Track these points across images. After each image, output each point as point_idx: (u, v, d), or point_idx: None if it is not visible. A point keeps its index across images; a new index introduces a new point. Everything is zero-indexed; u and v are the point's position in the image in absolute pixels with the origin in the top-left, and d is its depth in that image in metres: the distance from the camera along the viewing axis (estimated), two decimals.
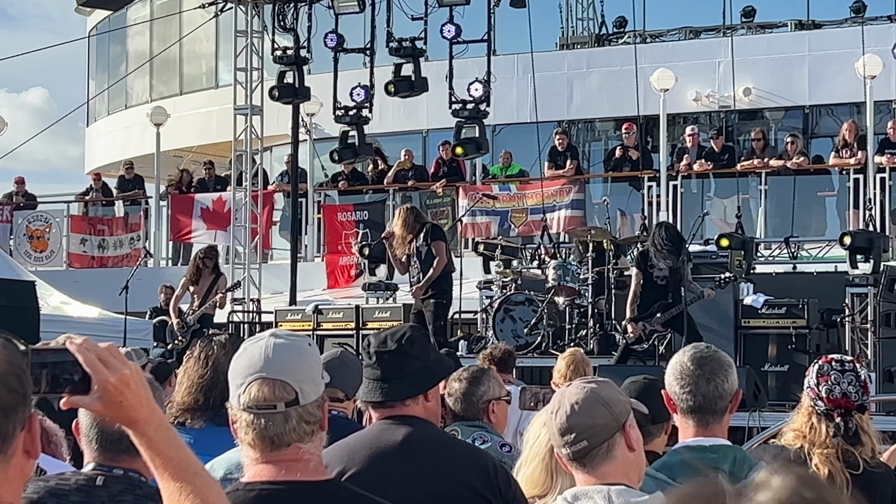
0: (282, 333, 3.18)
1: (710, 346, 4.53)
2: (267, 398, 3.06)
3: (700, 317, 14.64)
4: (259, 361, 3.08)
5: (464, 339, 16.70)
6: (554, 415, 3.49)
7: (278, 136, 24.78)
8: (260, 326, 20.70)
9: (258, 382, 3.07)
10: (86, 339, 2.41)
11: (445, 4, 18.79)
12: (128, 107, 33.03)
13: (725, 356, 4.43)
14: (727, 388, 4.34)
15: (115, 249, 25.54)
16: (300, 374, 3.09)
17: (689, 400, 4.30)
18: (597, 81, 25.97)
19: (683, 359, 4.38)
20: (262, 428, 3.07)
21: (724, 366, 4.37)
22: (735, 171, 21.18)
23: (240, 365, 3.12)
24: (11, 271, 18.22)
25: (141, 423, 2.45)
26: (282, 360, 3.08)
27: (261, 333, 3.20)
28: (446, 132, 21.16)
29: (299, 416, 3.08)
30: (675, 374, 4.36)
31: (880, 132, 21.06)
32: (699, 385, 4.30)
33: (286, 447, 3.09)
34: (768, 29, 25.92)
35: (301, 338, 3.20)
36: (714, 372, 4.33)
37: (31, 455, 2.22)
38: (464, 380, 5.90)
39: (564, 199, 21.91)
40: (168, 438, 2.48)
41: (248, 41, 22.53)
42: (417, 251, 14.39)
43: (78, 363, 2.37)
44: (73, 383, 2.36)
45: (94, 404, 2.41)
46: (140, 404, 2.44)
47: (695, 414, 4.31)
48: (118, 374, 2.40)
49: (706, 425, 4.31)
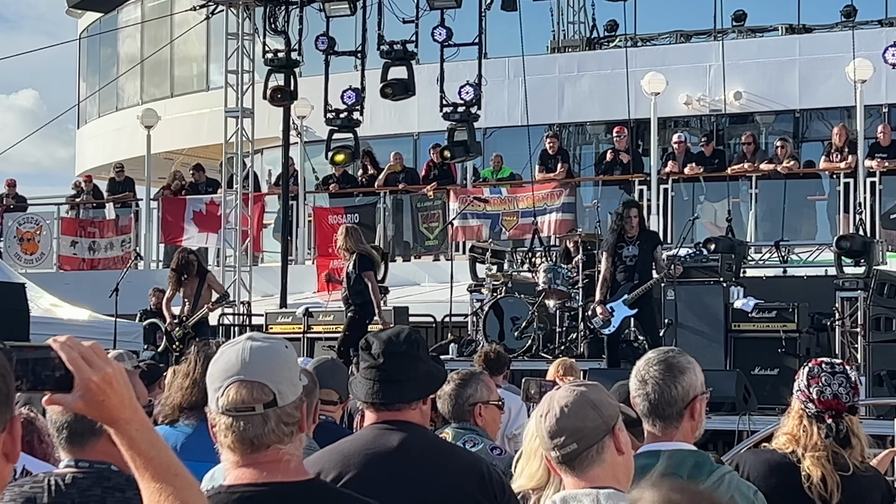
0: (258, 336, 3.18)
1: (672, 349, 4.43)
2: (245, 400, 3.06)
3: (690, 320, 14.67)
4: (236, 364, 3.08)
5: (454, 342, 16.70)
6: (543, 417, 3.49)
7: (269, 138, 24.77)
8: (250, 329, 20.68)
9: (236, 385, 3.07)
10: (69, 337, 2.40)
11: (436, 7, 18.80)
12: (119, 109, 32.98)
13: (684, 360, 4.29)
14: (676, 394, 4.20)
15: (106, 252, 25.51)
16: (277, 376, 3.09)
17: (639, 403, 4.27)
18: (588, 85, 25.99)
19: (640, 362, 4.34)
20: (241, 430, 3.07)
21: (675, 370, 4.24)
22: (725, 175, 21.20)
23: (217, 368, 3.12)
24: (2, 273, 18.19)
25: (122, 423, 2.44)
26: (259, 362, 3.08)
27: (238, 337, 3.21)
28: (437, 135, 21.19)
29: (278, 418, 3.07)
30: (632, 377, 4.34)
31: (870, 136, 21.10)
32: (648, 390, 4.23)
33: (266, 449, 3.09)
34: (759, 33, 25.94)
35: (278, 340, 3.20)
36: (663, 377, 4.22)
37: (10, 458, 2.20)
38: (453, 382, 5.90)
39: (555, 202, 21.93)
40: (149, 439, 2.48)
41: (240, 44, 22.51)
42: (348, 275, 14.87)
43: (60, 361, 2.36)
44: (54, 381, 2.35)
45: (76, 402, 2.39)
46: (122, 404, 2.43)
47: (647, 418, 4.27)
48: (101, 373, 2.39)
49: (663, 430, 4.23)
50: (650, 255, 14.62)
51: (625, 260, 14.50)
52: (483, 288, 16.93)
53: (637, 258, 14.47)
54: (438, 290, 20.12)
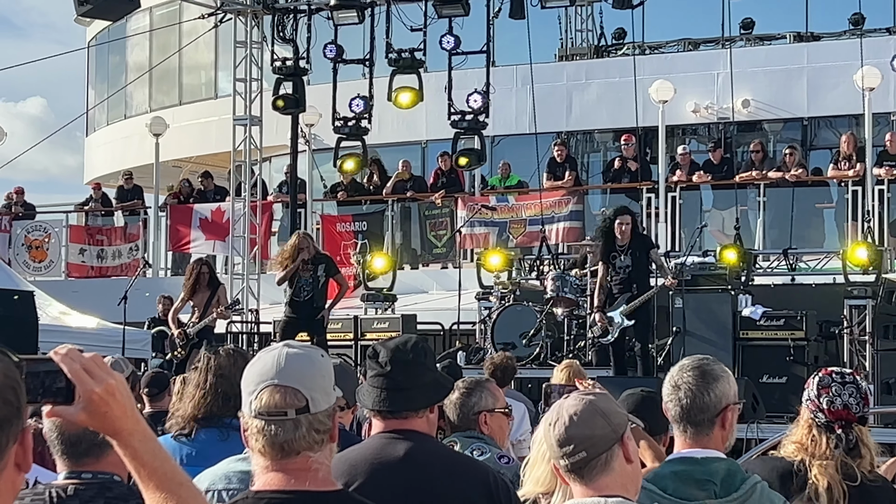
0: (295, 344, 3.21)
1: (706, 357, 4.45)
2: (278, 405, 3.08)
3: (698, 328, 14.67)
4: (272, 369, 3.11)
5: (462, 349, 16.70)
6: (552, 426, 3.49)
7: (277, 146, 24.79)
8: (258, 337, 20.70)
9: (270, 389, 3.09)
10: (70, 349, 2.41)
11: (444, 16, 18.82)
12: (127, 117, 33.04)
13: (718, 368, 4.33)
14: (709, 401, 4.23)
15: (114, 259, 25.54)
16: (311, 383, 3.12)
17: (672, 410, 4.29)
18: (596, 93, 25.99)
19: (674, 368, 4.37)
20: (272, 435, 3.08)
21: (709, 377, 4.27)
22: (734, 183, 21.20)
23: (253, 373, 3.15)
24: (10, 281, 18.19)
25: (125, 434, 2.45)
26: (294, 368, 3.11)
27: (275, 344, 3.23)
28: (445, 143, 21.19)
29: (309, 424, 3.09)
30: (666, 382, 4.36)
31: (879, 144, 21.08)
32: (681, 395, 4.26)
33: (296, 455, 3.10)
34: (767, 41, 25.94)
35: (314, 349, 3.24)
36: (697, 383, 4.25)
37: (22, 469, 2.21)
38: (459, 390, 5.90)
39: (563, 210, 21.92)
40: (152, 449, 2.48)
41: (248, 52, 22.55)
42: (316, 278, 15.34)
43: (62, 373, 2.36)
44: (57, 393, 2.36)
45: (79, 414, 2.40)
46: (124, 415, 2.43)
47: (679, 424, 4.29)
48: (103, 385, 2.39)
49: (694, 437, 4.26)
50: (645, 263, 14.52)
51: (619, 271, 14.38)
52: (491, 295, 16.94)
53: (631, 268, 14.37)
54: (446, 298, 20.12)
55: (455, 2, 18.71)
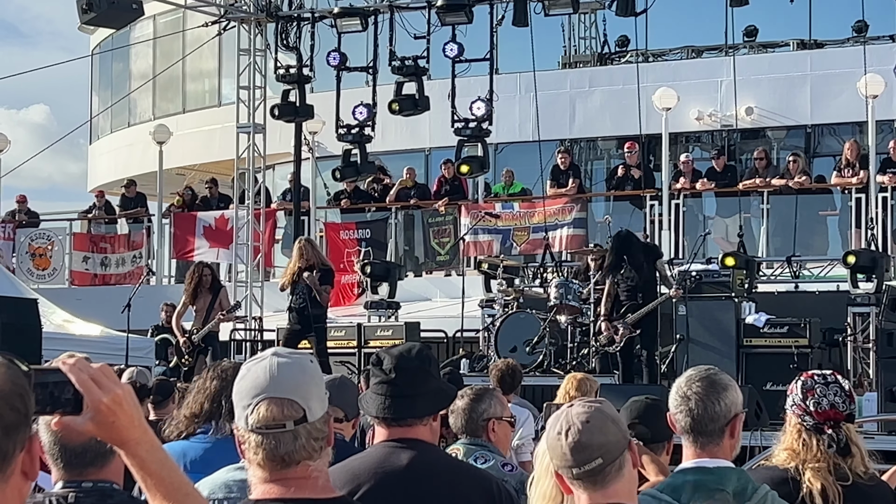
0: (284, 352, 3.17)
1: (711, 367, 4.50)
2: (276, 418, 3.05)
3: (702, 335, 14.67)
4: (265, 381, 3.07)
5: (466, 357, 16.69)
6: (563, 435, 3.45)
7: (281, 154, 24.81)
8: (262, 345, 20.69)
9: (266, 402, 3.06)
10: (79, 359, 2.41)
11: (448, 23, 18.84)
12: (131, 124, 33.07)
13: (724, 378, 4.38)
14: (720, 410, 4.29)
15: (118, 267, 25.55)
16: (306, 392, 3.09)
17: (682, 420, 4.31)
18: (599, 100, 26.00)
19: (681, 379, 4.40)
20: (272, 448, 3.06)
21: (718, 387, 4.32)
22: (737, 190, 21.20)
23: (245, 386, 3.11)
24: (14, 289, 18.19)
25: (132, 443, 2.45)
26: (287, 378, 3.07)
27: (262, 353, 3.18)
28: (449, 150, 21.20)
29: (308, 434, 3.07)
30: (673, 393, 4.38)
31: (882, 151, 21.07)
32: (692, 406, 4.30)
33: (295, 465, 3.08)
34: (770, 48, 25.96)
35: (304, 355, 3.20)
36: (706, 393, 4.29)
37: (29, 476, 2.21)
38: (467, 397, 5.90)
39: (567, 217, 21.92)
40: (160, 459, 2.48)
41: (251, 59, 22.57)
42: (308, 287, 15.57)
43: (70, 383, 2.36)
44: (65, 404, 2.36)
45: (86, 424, 2.40)
46: (132, 424, 2.44)
47: (688, 434, 4.32)
48: (111, 395, 2.40)
49: (703, 447, 4.30)
50: (652, 272, 14.67)
51: (626, 280, 14.57)
52: (495, 303, 16.93)
53: (638, 278, 14.56)
54: (450, 306, 20.12)
55: (458, 9, 18.73)
